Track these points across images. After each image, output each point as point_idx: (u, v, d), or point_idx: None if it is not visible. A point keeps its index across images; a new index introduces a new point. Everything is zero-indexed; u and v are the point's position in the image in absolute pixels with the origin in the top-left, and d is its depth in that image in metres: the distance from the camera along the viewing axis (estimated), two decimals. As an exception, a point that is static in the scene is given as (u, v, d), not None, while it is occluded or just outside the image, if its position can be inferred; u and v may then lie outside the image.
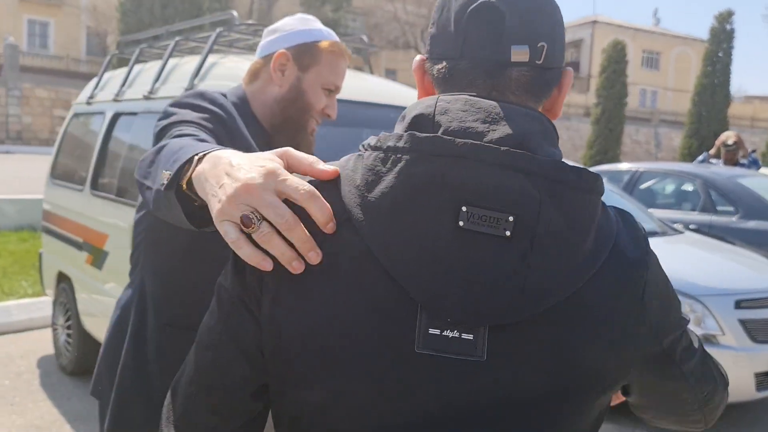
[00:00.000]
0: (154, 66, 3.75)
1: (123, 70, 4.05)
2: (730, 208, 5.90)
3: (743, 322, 3.77)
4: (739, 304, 3.80)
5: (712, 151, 7.97)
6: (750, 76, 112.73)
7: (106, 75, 4.30)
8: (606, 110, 21.39)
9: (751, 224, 5.69)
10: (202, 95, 1.39)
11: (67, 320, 4.19)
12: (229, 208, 0.70)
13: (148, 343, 1.49)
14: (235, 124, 1.40)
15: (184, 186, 0.84)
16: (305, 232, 0.69)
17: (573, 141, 31.28)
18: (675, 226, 5.13)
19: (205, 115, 1.33)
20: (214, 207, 0.72)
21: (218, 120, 1.35)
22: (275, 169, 0.71)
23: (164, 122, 1.29)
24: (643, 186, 6.77)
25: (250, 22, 3.23)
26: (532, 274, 0.68)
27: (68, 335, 4.19)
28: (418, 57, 0.84)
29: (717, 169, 6.67)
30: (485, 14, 0.75)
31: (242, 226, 0.69)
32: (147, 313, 1.51)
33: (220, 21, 3.77)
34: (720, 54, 21.42)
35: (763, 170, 8.38)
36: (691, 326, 3.72)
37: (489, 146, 0.69)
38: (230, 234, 0.70)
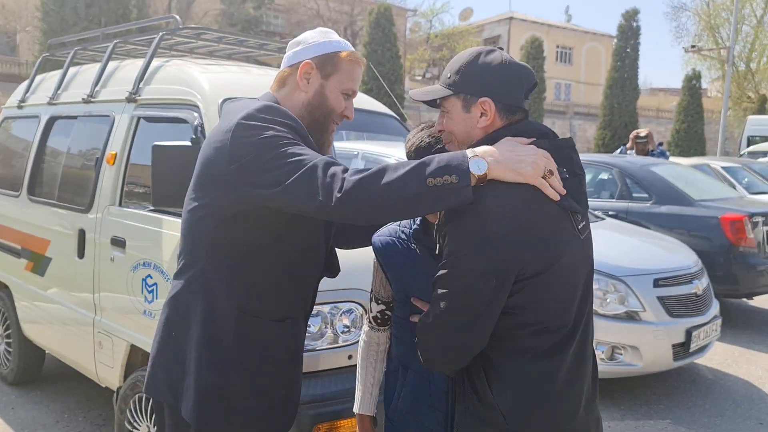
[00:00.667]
0: (90, 69, 3.70)
1: (56, 73, 3.97)
2: (645, 195, 6.36)
3: (661, 299, 4.13)
4: (657, 283, 4.16)
5: (629, 145, 8.55)
6: (654, 69, 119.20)
7: (38, 78, 4.19)
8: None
9: (664, 209, 6.17)
10: (279, 112, 1.56)
11: (6, 329, 4.08)
12: (539, 169, 1.35)
13: (226, 332, 1.63)
14: (305, 132, 1.60)
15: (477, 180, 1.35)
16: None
17: (494, 134, 32.17)
18: (596, 213, 5.49)
19: (292, 131, 1.54)
20: (528, 170, 1.34)
21: (297, 133, 1.55)
22: (543, 154, 1.39)
23: (254, 138, 1.48)
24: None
25: (192, 26, 3.26)
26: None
27: (8, 345, 4.08)
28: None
29: (631, 159, 7.15)
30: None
31: (546, 175, 1.37)
32: (217, 304, 1.63)
33: (143, 26, 3.79)
34: (628, 50, 22.70)
35: (671, 160, 9.03)
36: (615, 304, 4.06)
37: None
38: (543, 181, 1.36)
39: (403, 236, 1.73)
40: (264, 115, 1.53)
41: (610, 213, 6.00)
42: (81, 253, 3.20)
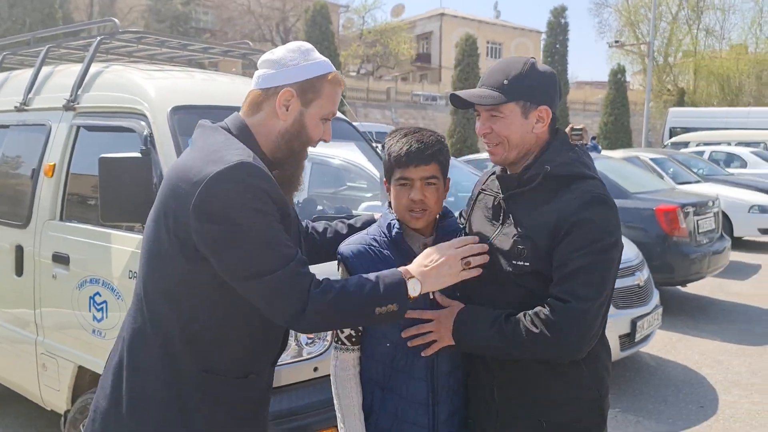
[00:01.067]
0: (22, 75, 3.50)
1: (-19, 79, 3.72)
2: (583, 189, 6.54)
3: (607, 291, 4.25)
4: (602, 276, 4.28)
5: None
6: (580, 64, 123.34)
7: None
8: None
9: (602, 202, 6.36)
10: (258, 176, 1.41)
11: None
12: (456, 270, 1.56)
13: (189, 391, 1.51)
14: (281, 196, 1.48)
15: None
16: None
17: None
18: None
19: (269, 203, 1.42)
20: (448, 280, 1.56)
21: (275, 202, 1.44)
22: (454, 255, 1.57)
23: (250, 205, 1.38)
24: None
25: (133, 29, 3.12)
26: None
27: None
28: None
29: (570, 155, 7.35)
30: None
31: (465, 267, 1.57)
32: (179, 363, 1.51)
33: (78, 29, 3.60)
34: (557, 45, 23.41)
35: (603, 153, 9.36)
36: (564, 299, 4.14)
37: None
38: (463, 274, 1.58)
39: (374, 243, 1.69)
40: (243, 179, 1.38)
41: (551, 208, 6.15)
42: (19, 271, 3.02)
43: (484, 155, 8.10)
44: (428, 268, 1.53)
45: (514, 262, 1.58)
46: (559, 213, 1.54)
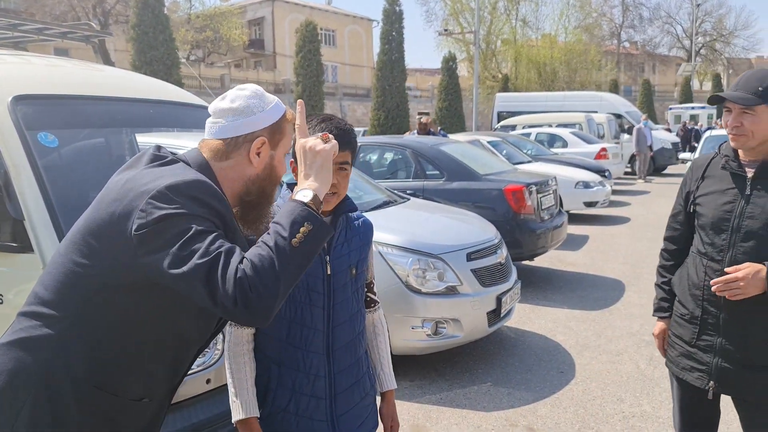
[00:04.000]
0: None
1: None
2: (437, 173, 6.77)
3: (474, 271, 4.43)
4: (469, 257, 4.45)
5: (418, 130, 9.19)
6: (410, 51, 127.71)
7: None
8: (306, 88, 22.37)
9: (455, 185, 6.63)
10: (211, 193, 1.37)
11: None
12: (327, 150, 1.47)
13: (72, 403, 1.39)
14: (232, 217, 1.43)
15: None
16: None
17: (269, 117, 31.95)
18: (400, 193, 5.70)
19: (210, 211, 1.35)
20: (322, 162, 1.45)
21: (219, 215, 1.37)
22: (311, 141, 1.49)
23: (170, 211, 1.30)
24: (362, 159, 7.34)
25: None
26: None
27: None
28: None
29: (422, 139, 7.56)
30: None
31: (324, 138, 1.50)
32: (71, 374, 1.39)
33: None
34: (393, 33, 23.95)
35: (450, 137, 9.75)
36: (435, 281, 4.25)
37: None
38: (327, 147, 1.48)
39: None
40: (192, 193, 1.33)
41: (408, 192, 6.28)
42: None
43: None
44: (304, 173, 1.46)
45: None
46: None
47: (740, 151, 2.18)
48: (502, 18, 44.94)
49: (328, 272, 1.74)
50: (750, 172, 2.13)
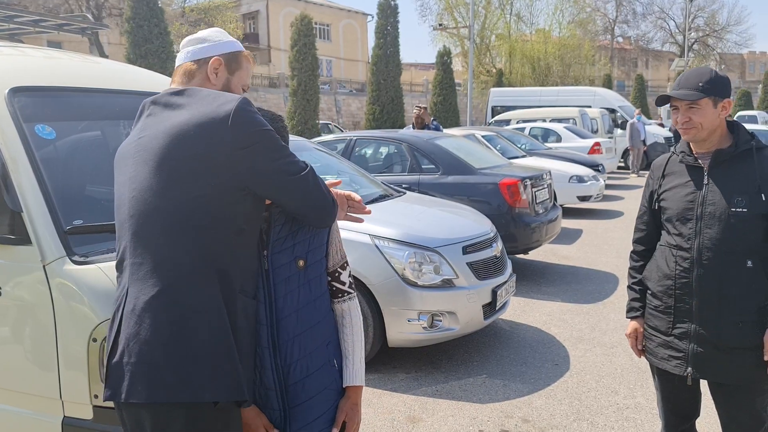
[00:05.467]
0: None
1: None
2: (433, 167, 6.78)
3: (470, 264, 4.45)
4: (465, 250, 4.47)
5: (414, 123, 9.22)
6: (405, 46, 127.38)
7: None
8: (301, 82, 22.30)
9: (450, 179, 6.65)
10: (255, 110, 1.70)
11: None
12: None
13: (239, 312, 1.67)
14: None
15: None
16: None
17: (263, 112, 31.88)
18: (397, 188, 5.71)
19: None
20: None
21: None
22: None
23: (270, 129, 1.68)
24: (358, 153, 7.35)
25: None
26: None
27: None
28: None
29: (418, 133, 7.56)
30: None
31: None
32: (231, 286, 1.66)
33: None
34: (389, 27, 23.89)
35: (444, 131, 9.76)
36: (431, 274, 4.27)
37: None
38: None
39: None
40: (252, 107, 1.66)
41: (404, 186, 6.29)
42: None
43: (331, 136, 8.08)
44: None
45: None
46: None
47: (693, 146, 2.34)
48: (497, 13, 44.93)
49: (266, 267, 1.76)
50: (705, 164, 2.29)
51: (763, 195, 2.17)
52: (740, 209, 2.18)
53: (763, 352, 2.19)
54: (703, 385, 2.44)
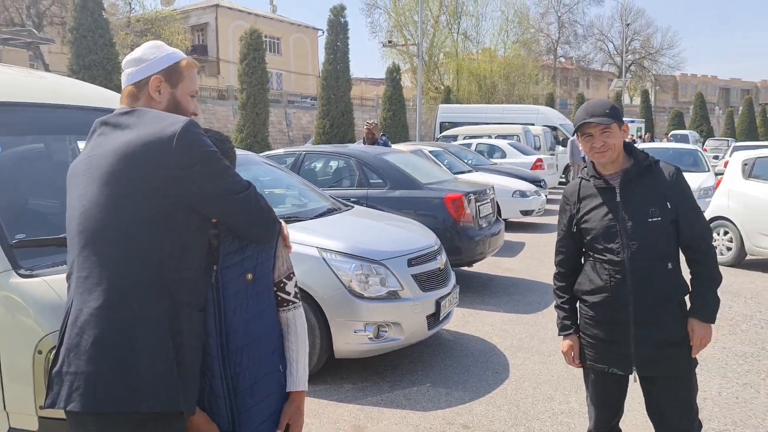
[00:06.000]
0: None
1: None
2: (380, 181, 6.92)
3: (414, 276, 4.59)
4: (410, 263, 4.61)
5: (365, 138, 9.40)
6: (356, 61, 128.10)
7: None
8: (251, 96, 22.19)
9: (398, 193, 6.80)
10: (201, 134, 1.77)
11: None
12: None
13: (183, 325, 1.73)
14: None
15: None
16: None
17: (211, 123, 31.54)
18: (344, 201, 5.82)
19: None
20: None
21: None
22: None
23: (214, 150, 1.76)
24: (307, 167, 7.43)
25: None
26: None
27: None
28: None
29: (366, 148, 7.70)
30: None
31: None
32: (176, 300, 1.72)
33: None
34: (338, 43, 24.08)
35: (393, 147, 9.95)
36: (377, 286, 4.38)
37: None
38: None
39: None
40: (197, 130, 1.73)
41: (352, 200, 6.40)
42: None
43: (281, 151, 8.14)
44: None
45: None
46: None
47: (601, 170, 2.57)
48: (444, 31, 45.86)
49: (216, 281, 1.85)
50: (615, 183, 2.52)
51: (668, 203, 2.45)
52: (656, 219, 2.44)
53: (689, 344, 2.48)
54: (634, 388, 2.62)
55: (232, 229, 1.84)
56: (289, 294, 2.00)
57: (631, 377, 2.57)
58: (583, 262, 2.67)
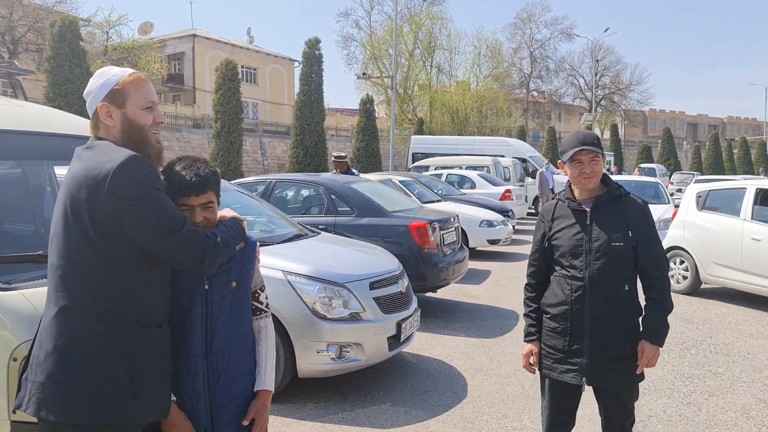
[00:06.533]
0: None
1: None
2: (348, 209, 7.16)
3: (376, 299, 4.79)
4: (372, 286, 4.81)
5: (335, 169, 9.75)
6: (331, 92, 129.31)
7: None
8: (225, 125, 22.44)
9: (365, 221, 7.03)
10: (147, 164, 1.91)
11: None
12: None
13: (133, 342, 1.89)
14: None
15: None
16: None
17: (186, 151, 31.57)
18: (311, 228, 6.03)
19: (160, 183, 1.95)
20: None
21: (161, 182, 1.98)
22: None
23: (148, 185, 1.86)
24: (277, 195, 7.64)
25: None
26: None
27: None
28: None
29: (335, 177, 7.95)
30: None
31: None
32: (122, 319, 1.89)
33: None
34: (313, 75, 24.58)
35: (362, 176, 10.22)
36: (340, 308, 4.57)
37: None
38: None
39: None
40: (137, 166, 1.84)
41: (320, 227, 6.61)
42: None
43: (252, 179, 8.35)
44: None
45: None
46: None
47: (577, 194, 2.83)
48: (419, 64, 46.78)
49: (206, 287, 2.11)
50: (587, 207, 2.79)
51: (630, 232, 2.72)
52: (619, 243, 2.71)
53: (637, 360, 2.75)
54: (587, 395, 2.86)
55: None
56: (262, 304, 2.32)
57: (583, 387, 2.81)
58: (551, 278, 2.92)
